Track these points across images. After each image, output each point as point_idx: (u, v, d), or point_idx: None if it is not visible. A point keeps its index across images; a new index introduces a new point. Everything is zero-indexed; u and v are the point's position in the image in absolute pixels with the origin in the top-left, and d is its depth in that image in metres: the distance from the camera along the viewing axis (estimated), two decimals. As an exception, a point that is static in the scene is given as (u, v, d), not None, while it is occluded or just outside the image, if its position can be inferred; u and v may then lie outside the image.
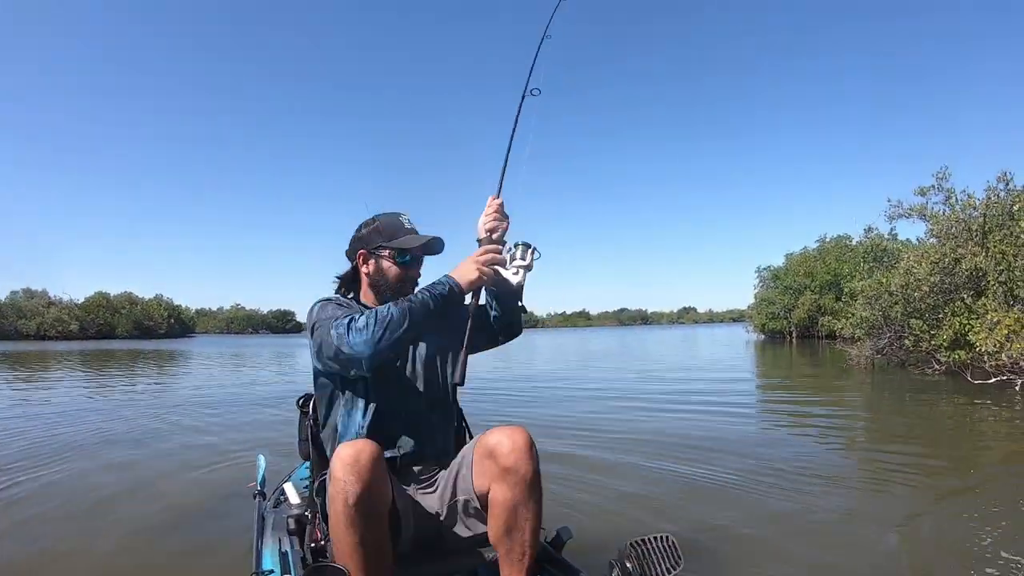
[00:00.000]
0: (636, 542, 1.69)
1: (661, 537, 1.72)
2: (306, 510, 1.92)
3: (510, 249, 1.85)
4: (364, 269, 1.96)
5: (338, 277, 2.03)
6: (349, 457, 1.49)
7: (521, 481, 1.64)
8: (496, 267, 1.81)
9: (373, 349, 1.62)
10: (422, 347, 1.94)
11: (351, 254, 1.99)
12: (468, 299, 1.87)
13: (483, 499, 1.72)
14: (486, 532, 1.73)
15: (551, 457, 4.56)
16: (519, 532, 1.65)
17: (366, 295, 1.97)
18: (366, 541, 1.51)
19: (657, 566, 1.66)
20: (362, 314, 1.67)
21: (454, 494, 1.78)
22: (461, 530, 1.79)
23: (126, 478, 4.57)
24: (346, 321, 1.66)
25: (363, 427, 1.81)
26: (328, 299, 1.89)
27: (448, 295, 1.74)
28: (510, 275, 1.84)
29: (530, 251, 1.85)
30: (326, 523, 1.77)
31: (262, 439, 5.90)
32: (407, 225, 1.95)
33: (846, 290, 18.06)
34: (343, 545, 1.52)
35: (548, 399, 9.07)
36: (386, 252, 1.91)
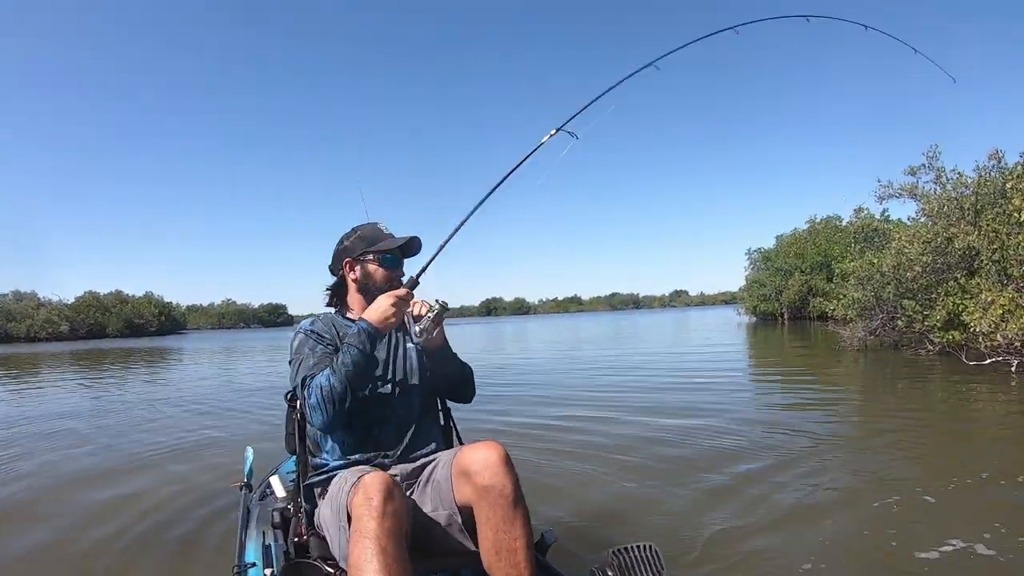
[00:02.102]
0: (619, 550, 1.66)
1: (644, 546, 1.68)
2: (291, 504, 1.92)
3: (431, 306, 1.89)
4: (352, 276, 2.04)
5: (328, 289, 2.12)
6: (375, 499, 1.48)
7: (500, 498, 1.62)
8: (406, 312, 1.87)
9: (331, 423, 1.75)
10: (405, 349, 2.04)
11: (335, 266, 2.08)
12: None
13: (466, 516, 1.71)
14: (474, 549, 1.70)
15: (530, 460, 4.37)
16: (510, 553, 1.61)
17: (354, 301, 2.05)
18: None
19: (639, 575, 1.63)
20: (316, 386, 1.73)
21: (436, 506, 1.76)
22: (445, 541, 1.77)
23: (111, 471, 4.56)
24: (309, 401, 1.75)
25: (345, 426, 1.85)
26: (309, 331, 1.94)
27: (368, 340, 1.77)
28: (414, 326, 1.88)
29: (439, 312, 1.88)
30: (310, 518, 1.83)
31: (250, 432, 5.92)
32: (385, 231, 2.05)
33: (837, 271, 17.93)
34: None
35: (532, 394, 8.89)
36: (371, 256, 2.00)
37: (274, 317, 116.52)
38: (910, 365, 10.25)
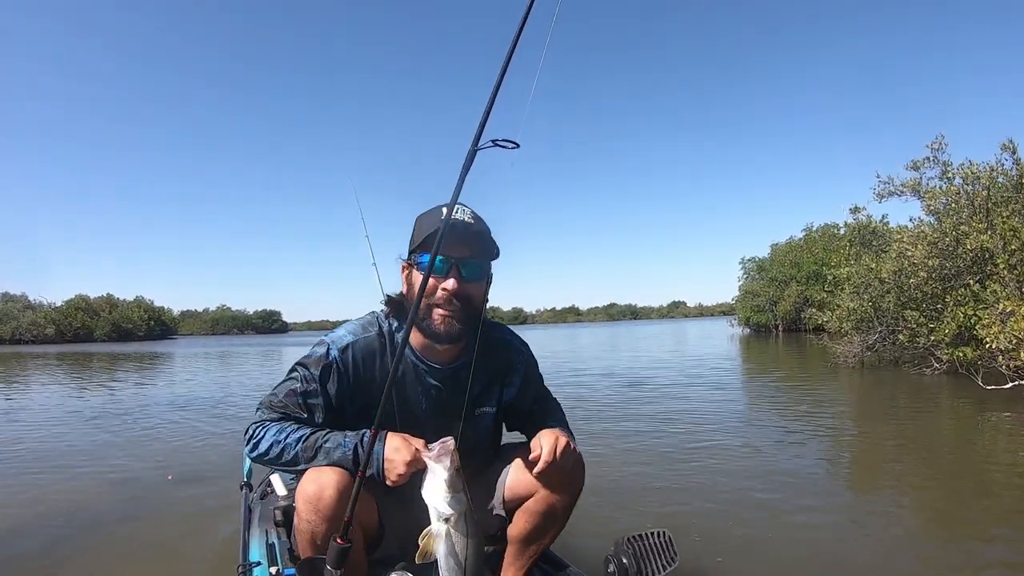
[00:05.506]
0: (632, 537, 1.65)
1: (657, 533, 1.68)
2: (293, 502, 1.74)
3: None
4: (405, 285, 1.66)
5: (387, 296, 1.68)
6: (312, 495, 1.39)
7: (571, 494, 1.64)
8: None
9: (255, 460, 1.58)
10: (478, 412, 1.70)
11: None
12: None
13: (511, 502, 1.68)
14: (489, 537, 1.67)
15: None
16: (541, 541, 1.68)
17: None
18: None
19: (653, 562, 1.62)
20: (269, 437, 1.51)
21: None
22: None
23: (110, 473, 4.63)
24: (258, 440, 1.52)
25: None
26: (304, 365, 1.58)
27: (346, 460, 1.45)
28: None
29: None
30: None
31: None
32: (447, 220, 1.43)
33: (829, 277, 16.40)
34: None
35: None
36: (410, 259, 1.59)
37: (268, 324, 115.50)
38: (913, 386, 8.92)
